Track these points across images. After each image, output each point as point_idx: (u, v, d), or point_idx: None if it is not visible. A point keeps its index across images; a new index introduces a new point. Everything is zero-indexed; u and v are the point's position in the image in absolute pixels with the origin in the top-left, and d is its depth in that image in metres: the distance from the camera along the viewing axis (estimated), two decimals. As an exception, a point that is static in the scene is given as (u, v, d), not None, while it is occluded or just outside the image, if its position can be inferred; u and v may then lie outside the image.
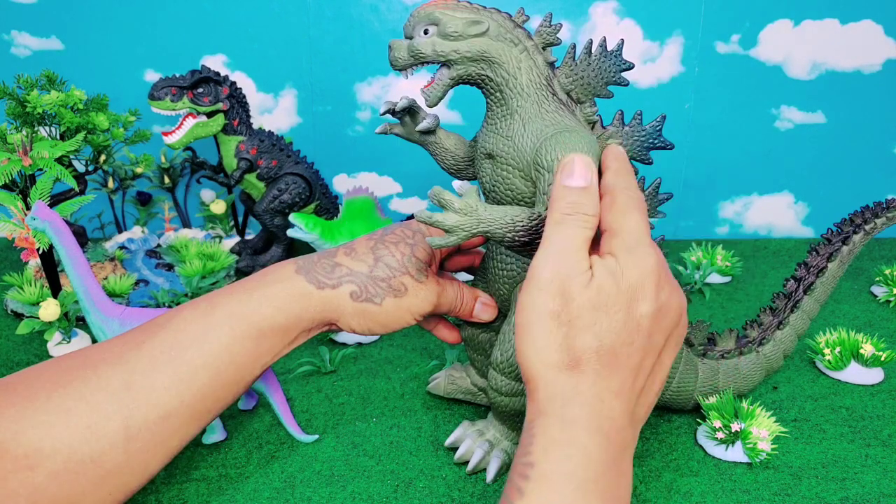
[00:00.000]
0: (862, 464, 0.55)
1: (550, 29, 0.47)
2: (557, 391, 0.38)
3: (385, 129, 0.54)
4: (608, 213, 0.42)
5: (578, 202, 0.41)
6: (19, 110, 0.78)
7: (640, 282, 0.40)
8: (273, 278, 0.48)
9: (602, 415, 0.38)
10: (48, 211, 0.58)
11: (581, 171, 0.42)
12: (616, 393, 0.39)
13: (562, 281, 0.39)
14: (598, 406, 0.38)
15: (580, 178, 0.42)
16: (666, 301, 0.41)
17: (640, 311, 0.40)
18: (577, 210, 0.41)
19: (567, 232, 0.41)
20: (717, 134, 1.05)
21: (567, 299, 0.39)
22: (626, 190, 0.43)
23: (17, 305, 0.80)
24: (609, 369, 0.39)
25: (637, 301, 0.40)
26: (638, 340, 0.40)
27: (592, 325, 0.39)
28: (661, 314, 0.41)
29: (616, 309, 0.39)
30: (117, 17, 0.99)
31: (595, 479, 0.37)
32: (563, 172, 0.43)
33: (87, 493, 0.41)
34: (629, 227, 0.41)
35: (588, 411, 0.38)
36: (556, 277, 0.40)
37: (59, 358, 0.45)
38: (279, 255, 0.93)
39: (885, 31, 0.99)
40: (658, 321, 0.41)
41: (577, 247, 0.40)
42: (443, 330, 0.57)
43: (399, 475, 0.54)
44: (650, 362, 0.41)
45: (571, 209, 0.41)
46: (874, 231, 0.65)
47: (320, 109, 1.04)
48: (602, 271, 0.40)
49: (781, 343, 0.63)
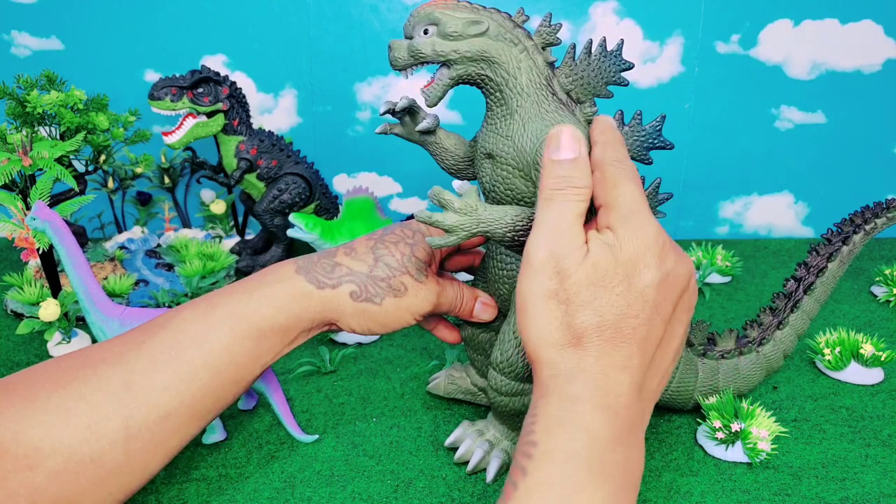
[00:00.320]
0: (862, 464, 0.55)
1: (550, 29, 0.47)
2: (560, 369, 0.38)
3: (385, 129, 0.54)
4: (599, 188, 0.41)
5: (567, 175, 0.40)
6: (19, 110, 0.78)
7: (641, 252, 0.39)
8: (273, 278, 0.48)
9: (607, 391, 0.37)
10: (48, 211, 0.58)
11: (568, 143, 0.41)
12: (621, 368, 0.38)
13: (557, 260, 0.39)
14: (602, 382, 0.37)
15: (568, 149, 0.41)
16: (672, 269, 0.40)
17: (644, 282, 0.39)
18: (567, 184, 0.40)
19: (558, 208, 0.40)
20: (717, 134, 1.05)
21: (563, 277, 0.39)
22: (615, 162, 0.41)
23: (17, 305, 0.80)
24: (612, 344, 0.38)
25: (639, 272, 0.39)
26: (644, 312, 0.38)
27: (592, 301, 0.38)
28: (667, 283, 0.39)
29: (616, 282, 0.38)
30: (117, 17, 0.99)
31: (600, 456, 0.36)
32: (549, 146, 0.41)
33: (88, 493, 0.41)
34: (623, 198, 0.40)
35: (591, 387, 0.37)
36: (550, 257, 0.39)
37: (59, 358, 0.45)
38: (279, 255, 0.93)
39: (885, 31, 0.99)
40: (664, 290, 0.39)
41: (570, 223, 0.40)
42: (443, 330, 0.58)
43: (399, 475, 0.54)
44: (658, 333, 0.39)
45: (561, 183, 0.40)
46: (874, 231, 0.65)
47: (320, 109, 1.04)
48: (598, 245, 0.39)
49: (781, 343, 0.63)
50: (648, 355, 0.39)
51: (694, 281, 0.42)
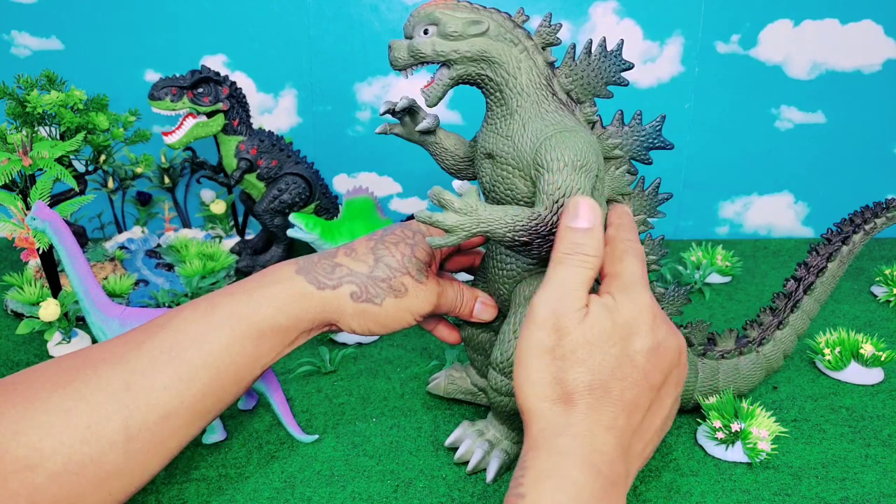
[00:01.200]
0: (862, 464, 0.55)
1: (550, 29, 0.47)
2: (550, 424, 0.39)
3: (385, 129, 0.54)
4: (608, 259, 0.45)
5: (581, 243, 0.42)
6: (19, 110, 0.78)
7: (635, 318, 0.42)
8: (273, 279, 0.48)
9: (593, 447, 0.39)
10: (48, 211, 0.58)
11: (585, 213, 0.43)
12: (607, 427, 0.39)
13: (557, 317, 0.41)
14: (588, 439, 0.39)
15: (584, 219, 0.43)
16: (663, 339, 0.42)
17: (635, 347, 0.41)
18: (578, 250, 0.42)
19: (567, 272, 0.42)
20: (717, 134, 1.05)
21: (562, 335, 0.41)
22: (625, 240, 0.45)
23: (17, 305, 0.80)
24: (600, 403, 0.40)
25: (632, 336, 0.41)
26: (633, 376, 0.41)
27: (586, 360, 0.40)
28: (658, 353, 0.42)
29: (611, 343, 0.41)
30: (117, 17, 0.99)
31: None
32: (567, 214, 0.43)
33: (88, 493, 0.41)
34: (626, 271, 0.43)
35: (579, 444, 0.38)
36: (552, 315, 0.41)
37: (59, 358, 0.45)
38: (279, 255, 0.93)
39: (885, 31, 0.99)
40: (654, 359, 0.42)
41: (576, 286, 0.42)
42: (443, 330, 0.58)
43: (399, 475, 0.54)
44: (646, 399, 0.41)
45: (574, 249, 0.42)
46: (874, 231, 0.65)
47: (320, 109, 1.04)
48: (597, 307, 0.42)
49: (781, 343, 0.63)
50: (635, 419, 0.41)
51: (685, 357, 0.45)
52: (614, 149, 0.50)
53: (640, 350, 0.41)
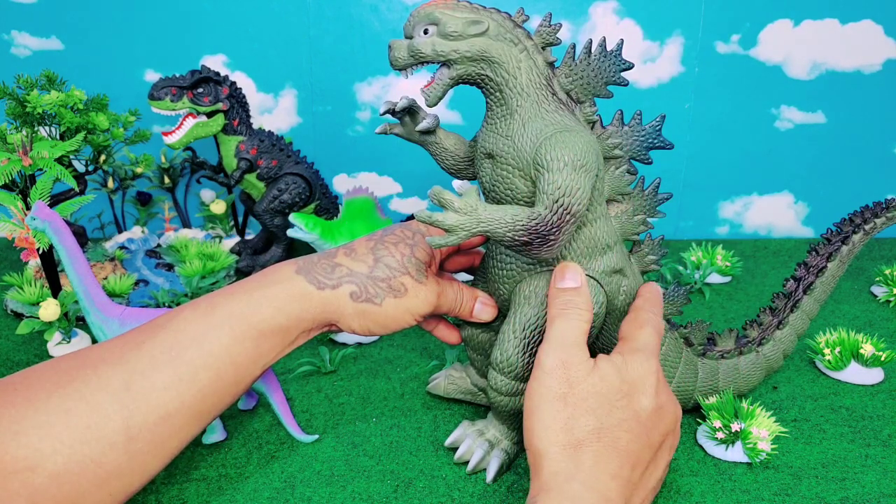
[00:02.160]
0: (862, 464, 0.55)
1: (550, 29, 0.47)
2: (560, 468, 0.41)
3: (385, 129, 0.54)
4: (628, 324, 0.49)
5: (571, 299, 0.47)
6: (19, 110, 0.78)
7: (642, 378, 0.45)
8: (273, 279, 0.48)
9: (600, 494, 0.40)
10: (48, 211, 0.58)
11: (572, 276, 0.48)
12: (612, 475, 0.41)
13: (566, 368, 0.44)
14: (596, 486, 0.41)
15: (571, 280, 0.48)
16: (665, 403, 0.46)
17: (640, 405, 0.44)
18: (571, 306, 0.47)
19: (565, 324, 0.46)
20: (716, 134, 1.05)
21: (572, 384, 0.44)
22: (649, 312, 0.49)
23: (17, 305, 0.80)
24: (608, 451, 0.42)
25: (638, 395, 0.45)
26: (635, 430, 0.43)
27: (595, 409, 0.43)
28: (659, 414, 0.45)
29: (618, 397, 0.44)
30: (117, 17, 0.99)
31: None
32: (556, 278, 0.48)
33: (88, 493, 0.41)
34: (641, 337, 0.47)
35: (587, 488, 0.40)
36: (561, 364, 0.44)
37: (59, 358, 0.45)
38: (279, 255, 0.93)
39: (885, 31, 0.99)
40: (655, 419, 0.45)
41: (576, 337, 0.45)
42: (443, 330, 0.58)
43: (399, 475, 0.54)
44: (647, 455, 0.44)
45: (566, 305, 0.47)
46: (874, 231, 0.65)
47: (320, 109, 1.04)
48: (607, 363, 0.45)
49: (781, 343, 0.63)
50: (637, 473, 0.43)
51: (679, 426, 0.48)
52: (614, 149, 0.50)
53: (644, 408, 0.44)
